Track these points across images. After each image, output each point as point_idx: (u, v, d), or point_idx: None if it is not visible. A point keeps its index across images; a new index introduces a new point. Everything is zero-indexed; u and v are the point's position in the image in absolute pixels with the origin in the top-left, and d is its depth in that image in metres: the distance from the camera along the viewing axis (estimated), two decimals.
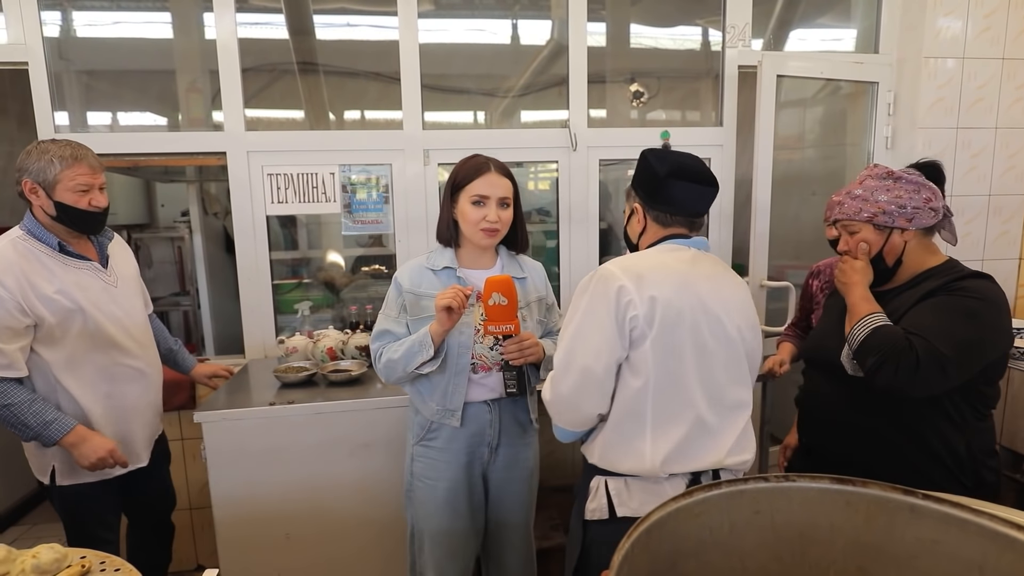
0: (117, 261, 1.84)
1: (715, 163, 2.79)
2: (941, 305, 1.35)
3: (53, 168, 1.61)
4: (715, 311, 1.29)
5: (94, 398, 1.72)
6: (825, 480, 0.77)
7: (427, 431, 1.70)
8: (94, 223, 1.72)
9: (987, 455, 1.45)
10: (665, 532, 0.71)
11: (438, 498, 1.69)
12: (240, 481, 1.96)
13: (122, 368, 1.78)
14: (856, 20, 2.96)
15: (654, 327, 1.23)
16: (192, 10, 2.86)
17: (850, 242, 1.49)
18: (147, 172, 3.74)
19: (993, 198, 2.77)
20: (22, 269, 1.60)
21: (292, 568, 2.02)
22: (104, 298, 1.73)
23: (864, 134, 2.85)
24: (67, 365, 1.68)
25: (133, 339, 1.81)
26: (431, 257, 1.71)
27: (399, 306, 1.68)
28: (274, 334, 2.64)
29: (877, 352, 1.31)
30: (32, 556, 1.01)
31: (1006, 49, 2.67)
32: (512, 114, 3.52)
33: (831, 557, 0.78)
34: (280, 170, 2.56)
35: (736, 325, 1.32)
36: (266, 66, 3.11)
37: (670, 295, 1.24)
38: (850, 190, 1.50)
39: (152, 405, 1.91)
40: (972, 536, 0.72)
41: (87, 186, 1.65)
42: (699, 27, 3.32)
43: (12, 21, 2.36)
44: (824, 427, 1.59)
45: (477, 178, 1.61)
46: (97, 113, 3.15)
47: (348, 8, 3.29)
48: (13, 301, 1.56)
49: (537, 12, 3.31)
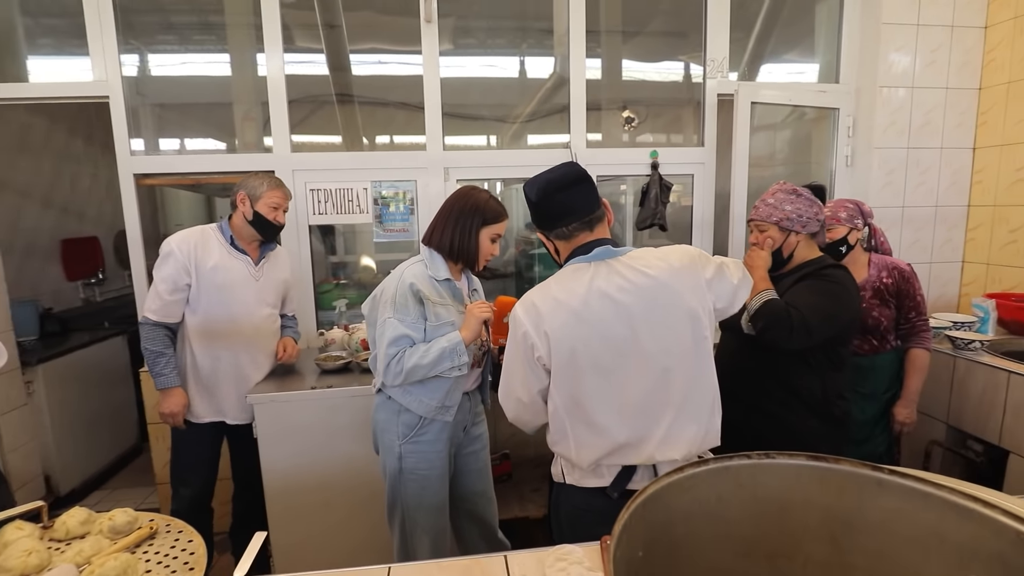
0: (272, 265, 2.07)
1: (698, 178, 2.76)
2: (812, 286, 1.57)
3: (261, 188, 1.93)
4: (617, 333, 1.16)
5: (209, 356, 1.95)
6: (801, 458, 0.75)
7: (416, 429, 1.60)
8: (273, 232, 2.00)
9: (837, 396, 1.62)
10: (659, 503, 0.68)
11: (432, 486, 1.63)
12: (286, 454, 1.96)
13: (238, 339, 1.97)
14: (819, 55, 2.93)
15: (552, 360, 1.18)
16: (247, 51, 2.86)
17: (760, 237, 1.66)
18: (208, 188, 3.76)
19: (939, 209, 2.73)
20: (195, 243, 1.90)
21: (329, 530, 2.01)
22: (243, 285, 1.97)
23: (827, 153, 2.81)
24: (199, 328, 1.93)
25: (253, 322, 2.00)
26: (431, 267, 1.60)
27: (417, 312, 1.54)
28: (315, 327, 2.63)
29: (764, 317, 1.52)
30: (109, 519, 1.01)
31: (949, 80, 2.64)
32: (520, 137, 3.51)
33: (806, 525, 0.76)
34: (320, 186, 2.55)
35: (657, 335, 1.16)
36: (309, 98, 3.11)
37: (560, 332, 1.16)
38: (764, 199, 1.67)
39: (247, 378, 2.01)
40: (933, 507, 0.70)
41: (278, 206, 1.96)
42: (682, 62, 3.29)
43: (97, 63, 2.39)
44: (726, 372, 1.66)
45: (500, 221, 1.61)
46: (167, 139, 3.16)
47: (379, 48, 3.30)
48: (181, 262, 1.86)
49: (542, 49, 3.29)
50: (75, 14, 2.36)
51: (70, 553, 0.93)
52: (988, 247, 2.67)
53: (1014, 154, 2.53)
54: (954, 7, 2.58)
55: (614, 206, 3.44)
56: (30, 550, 0.89)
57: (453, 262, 1.63)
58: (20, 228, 3.21)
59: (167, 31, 3.00)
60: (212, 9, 2.96)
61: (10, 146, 3.20)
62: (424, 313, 1.55)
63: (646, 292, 1.17)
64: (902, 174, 2.66)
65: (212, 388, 1.97)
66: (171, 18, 2.98)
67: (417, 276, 1.56)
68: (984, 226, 2.68)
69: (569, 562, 0.92)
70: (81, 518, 1.01)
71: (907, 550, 0.71)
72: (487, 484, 1.83)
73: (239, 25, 2.86)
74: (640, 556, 0.66)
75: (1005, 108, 2.56)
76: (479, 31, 3.33)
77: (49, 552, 0.92)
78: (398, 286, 1.54)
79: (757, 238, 1.67)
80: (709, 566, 0.76)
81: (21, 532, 0.95)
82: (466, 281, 1.74)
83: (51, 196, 3.48)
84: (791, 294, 1.57)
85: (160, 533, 1.00)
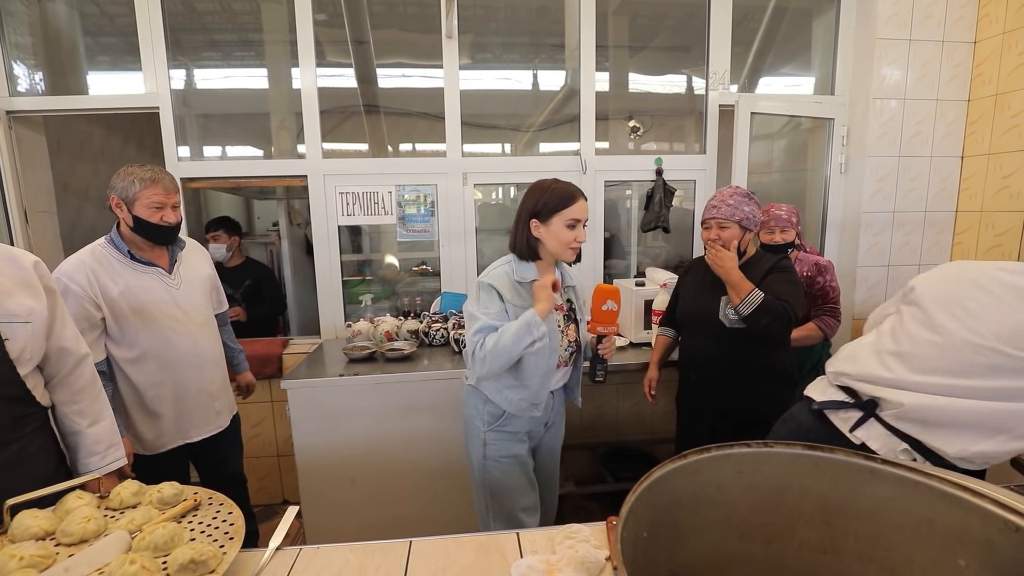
0: (188, 266, 1.71)
1: (699, 184, 2.73)
2: (783, 279, 1.66)
3: (133, 188, 1.54)
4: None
5: (151, 384, 1.61)
6: (798, 447, 0.73)
7: (500, 419, 1.52)
8: (164, 235, 1.61)
9: (793, 366, 1.76)
10: (663, 488, 0.68)
11: (515, 472, 1.54)
12: (316, 435, 1.97)
13: (178, 358, 1.63)
14: (815, 68, 2.87)
15: None
16: (282, 66, 2.89)
17: (722, 235, 1.70)
18: (247, 192, 3.80)
19: (928, 214, 2.67)
20: (92, 269, 1.52)
21: (356, 504, 2.03)
22: (164, 302, 1.61)
23: (822, 161, 2.76)
24: (129, 357, 1.58)
25: (189, 334, 1.66)
26: (516, 271, 1.48)
27: (500, 307, 1.44)
28: (343, 319, 2.65)
29: (769, 315, 1.58)
30: (158, 491, 1.02)
31: (939, 92, 2.57)
32: (533, 145, 3.49)
33: (802, 510, 0.74)
34: (349, 189, 2.56)
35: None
36: (339, 108, 3.13)
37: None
38: (724, 199, 1.71)
39: (204, 391, 1.71)
40: (924, 495, 0.68)
41: (160, 204, 1.56)
42: (685, 74, 3.25)
43: (148, 77, 2.42)
44: (706, 362, 1.78)
45: (572, 204, 1.44)
46: (210, 147, 3.20)
47: (404, 63, 3.30)
48: (86, 296, 1.49)
49: (553, 63, 3.27)
50: (129, 33, 2.40)
51: (123, 521, 0.94)
52: (975, 251, 2.61)
53: (1000, 162, 2.47)
54: (945, 24, 2.52)
55: (620, 210, 3.43)
56: (89, 517, 0.91)
57: (531, 261, 1.50)
58: (80, 227, 3.27)
59: (211, 48, 3.04)
60: (251, 28, 2.98)
61: (72, 152, 3.26)
62: (505, 313, 1.45)
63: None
64: (893, 181, 2.61)
65: (166, 413, 1.64)
66: (215, 36, 3.01)
67: (499, 279, 1.47)
68: (971, 231, 2.62)
69: (577, 540, 0.92)
70: (133, 490, 1.02)
71: (898, 536, 0.70)
72: (554, 475, 1.72)
73: (276, 42, 2.88)
74: (645, 536, 0.66)
75: (992, 119, 2.49)
76: (496, 47, 3.32)
77: (105, 520, 0.94)
78: (480, 285, 1.48)
79: (717, 235, 1.72)
80: (709, 548, 0.75)
81: (81, 501, 0.97)
82: (560, 275, 1.57)
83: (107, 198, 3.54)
84: (767, 288, 1.63)
85: (203, 505, 1.01)
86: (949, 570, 0.65)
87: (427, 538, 0.98)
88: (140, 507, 0.99)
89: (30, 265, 1.13)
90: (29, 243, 2.47)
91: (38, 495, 0.93)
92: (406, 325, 2.42)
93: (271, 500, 2.63)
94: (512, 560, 0.90)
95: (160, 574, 0.79)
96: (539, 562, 0.86)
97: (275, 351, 2.51)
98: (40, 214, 2.58)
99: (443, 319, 2.44)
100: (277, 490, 2.66)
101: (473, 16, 2.93)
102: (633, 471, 2.50)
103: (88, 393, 1.23)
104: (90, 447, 1.21)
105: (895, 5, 2.48)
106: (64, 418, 1.20)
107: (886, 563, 0.71)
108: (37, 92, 2.58)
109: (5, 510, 0.90)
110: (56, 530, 0.90)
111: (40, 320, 1.10)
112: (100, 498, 1.02)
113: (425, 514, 2.06)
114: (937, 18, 2.51)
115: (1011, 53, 2.39)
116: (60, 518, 0.93)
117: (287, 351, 2.55)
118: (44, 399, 1.15)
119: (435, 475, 2.04)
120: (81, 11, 2.77)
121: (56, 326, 1.17)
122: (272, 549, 0.94)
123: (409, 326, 2.41)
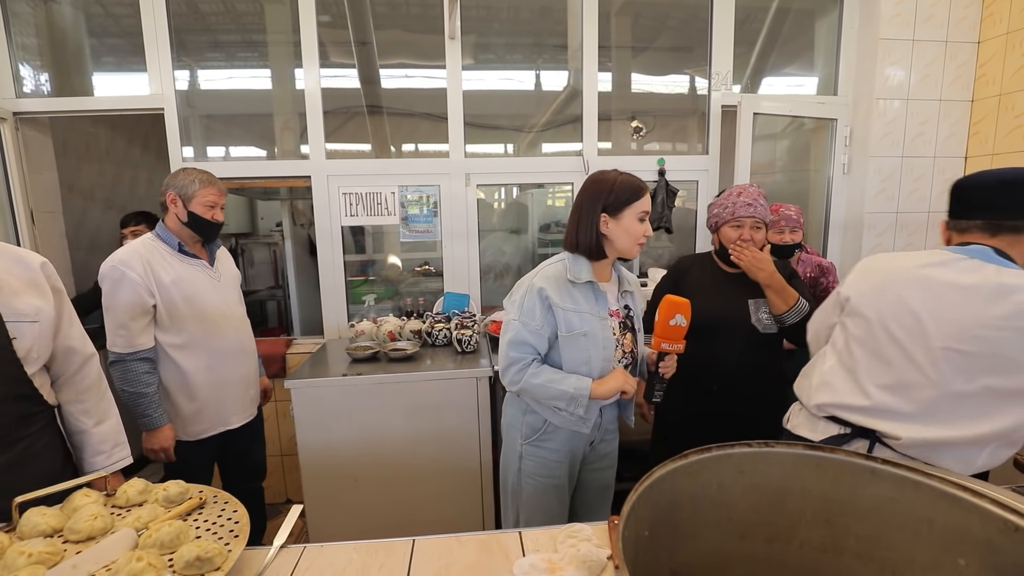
0: (223, 263, 1.83)
1: (702, 184, 2.73)
2: (800, 286, 1.65)
3: (193, 186, 1.67)
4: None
5: (197, 369, 1.68)
6: (798, 447, 0.74)
7: (540, 432, 1.40)
8: (212, 231, 1.74)
9: (798, 370, 1.65)
10: (665, 487, 0.68)
11: (548, 493, 1.43)
12: (320, 434, 1.98)
13: (222, 346, 1.73)
14: (818, 68, 2.87)
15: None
16: (286, 67, 2.89)
17: (755, 236, 1.64)
18: (250, 192, 3.81)
19: (931, 215, 2.66)
20: (146, 259, 1.60)
21: (359, 503, 2.04)
22: (209, 289, 1.72)
23: (825, 162, 2.75)
24: (177, 343, 1.65)
25: (231, 324, 1.77)
26: (571, 269, 1.34)
27: (544, 319, 1.32)
28: (346, 319, 2.66)
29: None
30: (163, 489, 1.03)
31: (942, 93, 2.57)
32: (536, 145, 3.49)
33: (802, 510, 0.74)
34: (352, 190, 2.57)
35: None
36: (342, 109, 3.13)
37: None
38: (755, 199, 1.64)
39: (244, 379, 1.82)
40: (924, 495, 0.68)
41: (214, 203, 1.71)
42: (687, 75, 3.24)
43: (153, 78, 2.44)
44: (734, 371, 1.67)
45: (643, 196, 1.32)
46: (214, 147, 3.21)
47: (407, 63, 3.30)
48: (142, 284, 1.57)
49: (556, 64, 3.27)
50: (134, 34, 2.41)
51: (130, 519, 0.95)
52: None
53: (1004, 163, 2.45)
54: (948, 24, 2.51)
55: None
56: (96, 515, 0.92)
57: (595, 260, 1.36)
58: (85, 227, 3.29)
59: (215, 49, 3.05)
60: (255, 29, 2.99)
61: (77, 153, 3.28)
62: (552, 320, 1.32)
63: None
64: (896, 181, 2.60)
65: (210, 399, 1.72)
66: (219, 37, 3.02)
67: (550, 279, 1.33)
68: None
69: (579, 539, 0.92)
70: (139, 488, 1.03)
71: (898, 535, 0.70)
72: (606, 504, 1.56)
73: (279, 43, 2.89)
74: (646, 535, 0.66)
75: (996, 119, 2.48)
76: (498, 47, 3.32)
77: (112, 517, 0.95)
78: (528, 288, 1.34)
79: (751, 236, 1.64)
80: (710, 547, 0.75)
81: (88, 499, 0.98)
82: (616, 282, 1.45)
83: (112, 198, 3.57)
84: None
85: (208, 503, 1.02)
86: (949, 570, 0.66)
87: (430, 536, 0.98)
88: (146, 505, 1.00)
89: (37, 265, 1.14)
90: (35, 243, 2.49)
91: (46, 493, 0.94)
92: (409, 325, 2.43)
93: (275, 499, 2.64)
94: (514, 558, 0.91)
95: (166, 571, 0.80)
96: (541, 560, 0.86)
97: (279, 351, 2.52)
98: (46, 215, 2.60)
99: (446, 319, 2.45)
100: (281, 489, 2.67)
101: (476, 17, 2.94)
102: (634, 471, 2.50)
103: (94, 392, 1.25)
104: (96, 446, 1.23)
105: (898, 5, 2.48)
106: (70, 417, 1.21)
107: (887, 563, 0.71)
108: (43, 93, 2.60)
109: (14, 507, 0.91)
110: (64, 527, 0.91)
111: (47, 320, 1.12)
112: (107, 496, 1.03)
113: (428, 513, 2.07)
114: (940, 18, 2.50)
115: (1015, 53, 2.39)
116: (68, 515, 0.94)
117: (291, 351, 2.56)
118: (51, 398, 1.16)
119: (438, 474, 2.05)
120: (86, 12, 2.79)
121: (63, 326, 1.18)
122: (276, 547, 0.94)
123: (412, 326, 2.42)
